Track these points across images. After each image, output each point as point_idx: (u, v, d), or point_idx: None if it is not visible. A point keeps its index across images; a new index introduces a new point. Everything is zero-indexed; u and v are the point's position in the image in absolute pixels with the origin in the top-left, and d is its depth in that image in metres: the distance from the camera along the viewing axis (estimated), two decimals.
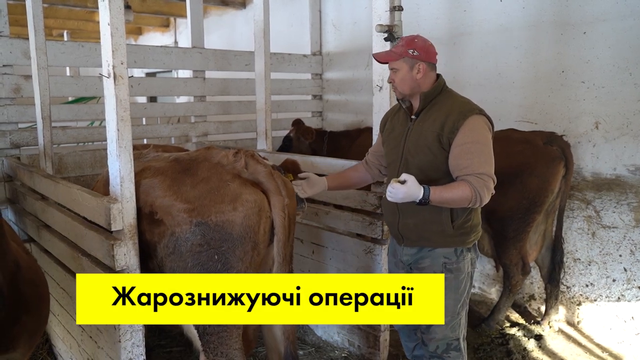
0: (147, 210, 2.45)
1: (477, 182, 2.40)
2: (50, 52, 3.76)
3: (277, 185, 2.45)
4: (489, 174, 2.45)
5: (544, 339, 3.96)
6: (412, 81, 2.62)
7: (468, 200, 2.41)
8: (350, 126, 5.84)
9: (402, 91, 2.65)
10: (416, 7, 5.00)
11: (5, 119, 4.01)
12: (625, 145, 3.80)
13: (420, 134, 2.60)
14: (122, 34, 2.27)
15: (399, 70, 2.62)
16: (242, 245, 2.35)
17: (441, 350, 2.71)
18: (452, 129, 2.49)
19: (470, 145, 2.46)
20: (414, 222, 2.66)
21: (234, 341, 2.42)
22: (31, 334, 2.24)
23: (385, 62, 2.69)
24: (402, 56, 2.60)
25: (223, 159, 2.51)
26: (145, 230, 2.46)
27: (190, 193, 2.37)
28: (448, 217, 2.58)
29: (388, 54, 2.68)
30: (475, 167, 2.43)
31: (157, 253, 2.44)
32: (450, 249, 2.64)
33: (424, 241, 2.67)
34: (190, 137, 5.29)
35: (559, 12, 4.07)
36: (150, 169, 2.58)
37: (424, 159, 2.58)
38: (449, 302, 2.65)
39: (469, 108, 2.55)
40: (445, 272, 2.63)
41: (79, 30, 8.92)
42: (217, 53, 5.36)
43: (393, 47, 2.71)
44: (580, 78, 3.99)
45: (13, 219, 3.99)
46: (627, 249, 3.85)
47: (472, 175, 2.42)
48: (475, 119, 2.51)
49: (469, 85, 4.54)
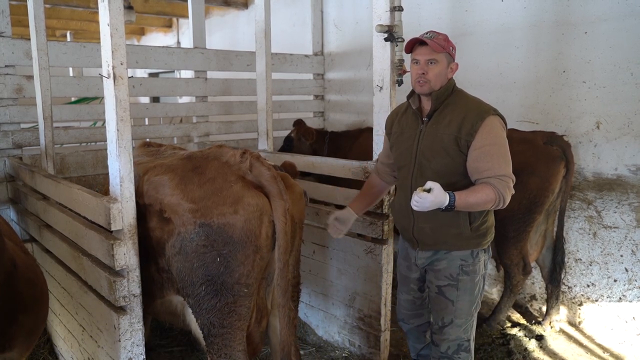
0: (157, 208, 2.46)
1: (499, 184, 2.40)
2: (52, 52, 3.77)
3: (279, 190, 2.42)
4: (509, 175, 2.45)
5: (545, 339, 3.96)
6: (444, 78, 2.55)
7: (492, 202, 2.41)
8: (351, 126, 5.84)
9: (433, 86, 2.53)
10: (417, 7, 5.00)
11: (7, 119, 4.03)
12: (627, 145, 3.79)
13: (435, 137, 2.54)
14: (122, 34, 2.28)
15: (439, 63, 2.51)
16: (243, 249, 2.34)
17: (452, 351, 2.71)
18: (470, 131, 2.46)
19: (490, 147, 2.45)
20: (430, 226, 2.63)
21: (237, 343, 2.43)
22: (29, 334, 2.24)
23: (435, 51, 2.48)
24: (445, 50, 2.52)
25: (231, 159, 2.51)
26: (156, 228, 2.47)
27: (196, 193, 2.37)
28: (466, 220, 2.57)
29: (437, 42, 2.49)
30: (496, 170, 2.42)
31: (166, 251, 2.45)
32: (467, 251, 2.63)
33: (441, 244, 2.66)
34: (192, 137, 5.31)
35: (560, 12, 4.07)
36: (161, 166, 2.58)
37: (441, 162, 2.54)
38: (465, 304, 2.65)
39: (485, 109, 2.53)
40: (461, 274, 2.63)
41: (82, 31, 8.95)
42: (218, 53, 5.37)
43: (432, 38, 2.51)
44: (582, 78, 3.98)
45: (15, 218, 4.01)
46: (629, 249, 3.84)
47: (493, 178, 2.41)
48: (492, 119, 2.49)
49: (470, 85, 4.50)
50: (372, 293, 3.43)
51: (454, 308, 2.66)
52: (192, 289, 2.40)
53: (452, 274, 2.65)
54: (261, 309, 2.62)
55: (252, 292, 2.43)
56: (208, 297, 2.38)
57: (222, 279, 2.35)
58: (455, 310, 2.66)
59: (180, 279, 2.43)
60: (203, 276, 2.35)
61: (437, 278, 2.70)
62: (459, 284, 2.64)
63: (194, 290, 2.39)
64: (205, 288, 2.37)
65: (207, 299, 2.38)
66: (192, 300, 2.43)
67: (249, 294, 2.41)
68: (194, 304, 2.43)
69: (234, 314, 2.39)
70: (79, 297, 2.87)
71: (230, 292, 2.36)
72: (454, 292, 2.65)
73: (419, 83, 2.55)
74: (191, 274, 2.38)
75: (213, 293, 2.37)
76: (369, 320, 3.50)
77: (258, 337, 2.64)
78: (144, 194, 2.53)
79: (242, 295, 2.38)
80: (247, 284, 2.38)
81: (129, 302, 2.43)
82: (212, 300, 2.37)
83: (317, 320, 3.97)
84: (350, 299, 3.62)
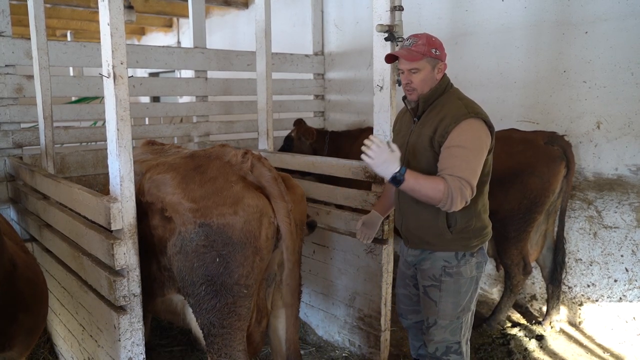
0: (159, 207, 2.45)
1: (453, 182, 2.31)
2: (52, 52, 3.77)
3: (280, 191, 2.41)
4: (467, 179, 2.34)
5: (546, 339, 3.95)
6: (432, 82, 2.55)
7: (439, 196, 2.31)
8: (352, 126, 5.84)
9: (421, 92, 2.55)
10: (418, 7, 5.00)
11: (7, 118, 4.03)
12: (627, 145, 3.78)
13: (419, 137, 2.58)
14: (122, 34, 2.27)
15: (421, 70, 2.51)
16: (242, 250, 2.33)
17: (440, 353, 2.71)
18: (443, 133, 2.45)
19: (455, 149, 2.39)
20: (414, 224, 2.67)
21: (237, 343, 2.43)
22: (29, 333, 2.24)
23: (411, 61, 2.50)
24: (425, 56, 2.50)
25: (233, 158, 2.50)
26: (157, 226, 2.47)
27: (197, 192, 2.37)
28: (444, 222, 2.56)
29: (411, 53, 2.50)
30: (455, 170, 2.35)
31: (167, 250, 2.45)
32: (450, 253, 2.62)
33: (425, 244, 2.68)
34: (192, 137, 5.31)
35: (560, 12, 4.06)
36: (164, 164, 2.58)
37: (422, 161, 2.57)
38: (448, 306, 2.65)
39: (464, 112, 2.45)
40: (444, 276, 2.63)
41: (82, 31, 8.96)
42: (219, 53, 5.37)
43: (411, 45, 2.52)
44: (582, 78, 3.98)
45: (15, 218, 4.01)
46: (629, 249, 3.83)
47: (451, 176, 2.34)
48: (468, 122, 2.43)
49: (471, 85, 4.52)
50: (373, 293, 3.43)
51: (437, 309, 2.66)
52: (192, 289, 2.39)
53: (435, 274, 2.65)
54: (261, 309, 2.61)
55: (251, 293, 2.42)
56: (208, 297, 2.37)
57: (221, 280, 2.34)
58: (438, 311, 2.66)
59: (180, 278, 2.43)
60: (203, 276, 2.35)
61: (422, 278, 2.73)
62: (442, 285, 2.64)
63: (194, 290, 2.39)
64: (205, 288, 2.36)
65: (207, 299, 2.38)
66: (192, 299, 2.43)
67: (248, 294, 2.40)
68: (194, 303, 2.43)
69: (234, 314, 2.39)
70: (79, 296, 2.87)
71: (230, 292, 2.36)
72: (436, 293, 2.65)
73: (408, 92, 2.61)
74: (191, 274, 2.37)
75: (213, 293, 2.36)
76: (369, 320, 3.49)
77: (258, 337, 2.64)
78: (146, 192, 2.52)
79: (241, 296, 2.38)
80: (247, 285, 2.38)
81: (129, 301, 2.43)
82: (212, 300, 2.37)
83: (317, 320, 3.97)
84: (351, 299, 3.62)
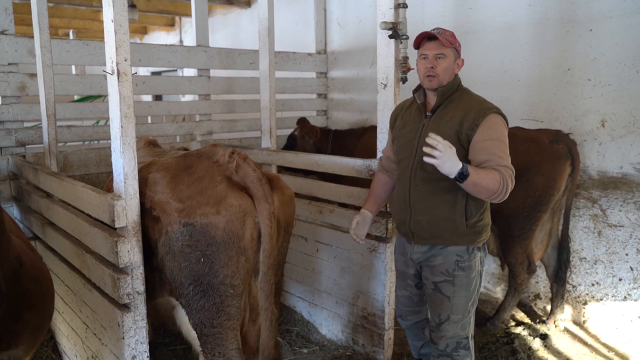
0: (148, 206, 2.45)
1: (505, 171, 2.39)
2: (55, 50, 3.77)
3: (264, 192, 2.37)
4: (510, 167, 2.43)
5: (550, 338, 3.94)
6: (451, 74, 2.59)
7: (497, 187, 2.35)
8: (355, 125, 5.83)
9: (441, 80, 2.56)
10: (421, 5, 4.99)
11: (10, 117, 4.03)
12: (632, 143, 3.76)
13: (437, 131, 2.52)
14: (126, 30, 2.27)
15: (447, 57, 2.55)
16: (226, 250, 2.31)
17: (451, 349, 2.70)
18: (472, 126, 2.48)
19: (491, 142, 2.45)
20: (426, 219, 2.63)
21: (230, 342, 2.42)
22: (34, 331, 2.23)
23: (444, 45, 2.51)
24: (452, 45, 2.56)
25: (221, 158, 2.48)
26: (148, 226, 2.46)
27: (184, 192, 2.36)
28: (462, 216, 2.56)
29: (445, 37, 2.53)
30: (498, 161, 2.41)
31: (158, 251, 2.44)
32: (462, 247, 2.63)
33: (436, 239, 2.66)
34: (195, 135, 5.30)
35: (564, 10, 4.05)
36: (156, 163, 2.57)
37: None
38: (461, 300, 2.65)
39: (488, 106, 2.54)
40: (457, 270, 2.63)
41: (85, 30, 8.97)
42: (221, 52, 5.36)
43: (440, 34, 2.53)
44: (587, 76, 3.96)
45: (18, 216, 4.01)
46: (634, 247, 3.82)
47: (500, 166, 2.40)
48: (494, 117, 2.51)
49: (475, 83, 4.47)
50: (376, 291, 3.42)
51: (450, 304, 2.66)
52: (181, 290, 2.39)
53: (448, 269, 2.64)
54: (255, 308, 2.60)
55: (239, 293, 2.39)
56: (196, 298, 2.36)
57: (207, 280, 2.33)
58: (451, 307, 2.66)
59: (172, 279, 2.42)
60: (190, 276, 2.34)
61: (433, 274, 2.71)
62: (455, 279, 2.64)
63: (183, 290, 2.38)
64: (193, 289, 2.36)
65: (196, 299, 2.37)
66: (183, 300, 2.43)
67: (235, 294, 2.38)
68: (185, 304, 2.43)
69: (223, 314, 2.38)
70: (82, 294, 2.86)
71: (217, 292, 2.34)
72: (450, 288, 2.65)
73: (428, 78, 2.57)
74: (180, 274, 2.37)
75: (201, 293, 2.35)
76: (373, 318, 3.48)
77: (254, 336, 2.64)
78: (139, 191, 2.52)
79: (228, 296, 2.36)
80: (233, 285, 2.35)
81: (132, 299, 2.42)
82: (200, 300, 2.36)
83: (320, 318, 3.96)
84: (354, 298, 3.61)
